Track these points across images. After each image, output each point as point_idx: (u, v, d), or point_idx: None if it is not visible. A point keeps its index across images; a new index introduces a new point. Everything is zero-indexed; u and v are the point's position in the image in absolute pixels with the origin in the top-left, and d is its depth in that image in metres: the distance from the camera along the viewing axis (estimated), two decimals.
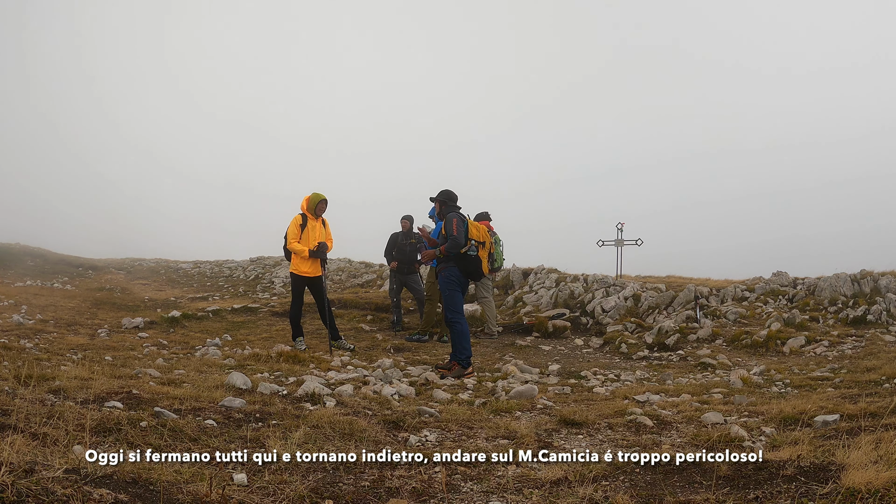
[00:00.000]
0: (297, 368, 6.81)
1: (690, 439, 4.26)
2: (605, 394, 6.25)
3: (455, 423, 4.65)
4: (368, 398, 5.40)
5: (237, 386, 5.29)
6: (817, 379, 6.96)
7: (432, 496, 3.15)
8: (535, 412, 5.25)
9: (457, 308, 7.37)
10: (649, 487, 3.22)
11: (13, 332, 8.39)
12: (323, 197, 8.51)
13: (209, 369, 6.37)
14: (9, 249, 25.91)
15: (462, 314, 7.40)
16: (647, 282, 13.53)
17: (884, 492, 2.74)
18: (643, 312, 11.86)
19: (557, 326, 11.15)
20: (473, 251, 7.35)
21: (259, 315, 12.11)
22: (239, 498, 2.84)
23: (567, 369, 8.18)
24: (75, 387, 4.65)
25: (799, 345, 9.38)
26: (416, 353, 8.97)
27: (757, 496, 2.96)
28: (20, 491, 2.39)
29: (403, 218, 11.19)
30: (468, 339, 7.25)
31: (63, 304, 12.64)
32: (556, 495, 3.13)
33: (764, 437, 4.24)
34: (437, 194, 7.82)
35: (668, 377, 7.52)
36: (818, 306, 11.54)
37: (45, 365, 5.85)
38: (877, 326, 10.30)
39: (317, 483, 3.17)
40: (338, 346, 8.70)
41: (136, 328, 9.97)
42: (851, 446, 3.45)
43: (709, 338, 10.17)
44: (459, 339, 7.20)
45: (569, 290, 12.77)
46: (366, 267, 18.63)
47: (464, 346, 7.18)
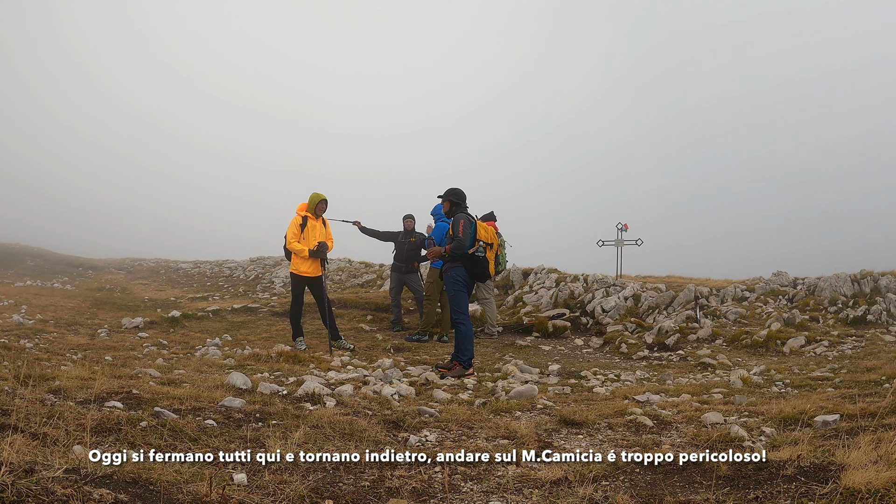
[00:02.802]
0: (297, 368, 6.81)
1: (690, 439, 4.26)
2: (605, 394, 6.25)
3: (455, 423, 4.65)
4: (368, 398, 5.40)
5: (237, 386, 5.29)
6: (817, 379, 6.96)
7: (432, 496, 3.15)
8: (535, 412, 5.25)
9: (462, 309, 7.36)
10: (649, 487, 3.22)
11: (13, 331, 8.39)
12: (323, 197, 8.53)
13: (209, 369, 6.37)
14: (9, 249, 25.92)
15: (467, 315, 7.39)
16: (647, 282, 13.53)
17: (884, 492, 2.74)
18: (643, 312, 11.85)
19: (557, 326, 11.15)
20: (481, 252, 7.34)
21: (259, 315, 12.11)
22: (239, 498, 2.84)
23: (567, 369, 8.18)
24: (75, 387, 4.66)
25: (799, 345, 9.38)
26: (416, 353, 8.97)
27: (757, 496, 2.96)
28: (20, 491, 2.39)
29: (406, 217, 11.18)
30: (472, 341, 7.26)
31: (63, 304, 12.64)
32: (556, 495, 3.13)
33: (764, 437, 4.24)
34: (445, 193, 7.75)
35: (668, 377, 7.52)
36: (818, 306, 11.54)
37: (45, 365, 5.85)
38: (877, 326, 10.30)
39: (317, 483, 3.17)
40: (338, 345, 8.70)
41: (136, 328, 9.97)
42: (851, 446, 3.45)
43: (709, 338, 10.16)
44: (463, 341, 7.20)
45: (569, 290, 12.77)
46: (366, 267, 18.64)
47: (467, 347, 7.18)
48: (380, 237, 11.09)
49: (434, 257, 7.69)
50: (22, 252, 25.80)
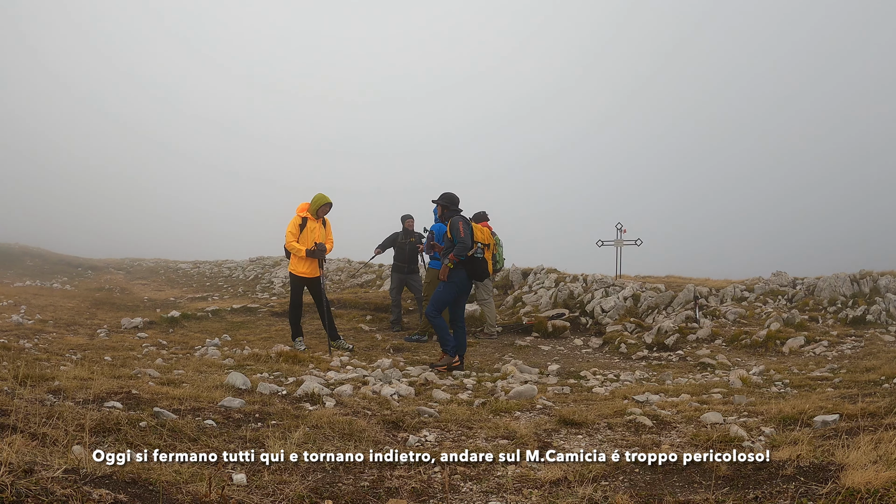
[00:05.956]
0: (296, 368, 6.81)
1: (690, 439, 4.26)
2: (605, 394, 6.25)
3: (454, 423, 4.65)
4: (368, 398, 5.40)
5: (236, 386, 5.29)
6: (817, 379, 6.96)
7: (432, 496, 3.15)
8: (535, 412, 5.25)
9: (440, 307, 7.66)
10: (649, 487, 3.22)
11: (12, 332, 8.39)
12: (328, 200, 8.48)
13: (208, 369, 6.37)
14: (8, 249, 25.93)
15: (440, 311, 7.68)
16: (647, 282, 13.53)
17: (883, 492, 2.74)
18: (642, 312, 11.86)
19: (557, 326, 11.15)
20: (480, 253, 7.62)
21: (258, 315, 12.10)
22: (238, 498, 2.84)
23: (566, 369, 8.18)
24: (75, 387, 4.65)
25: (798, 345, 9.38)
26: (416, 353, 8.96)
27: (756, 496, 2.96)
28: (19, 491, 2.39)
29: (406, 217, 11.20)
30: (447, 331, 7.64)
31: (62, 305, 12.64)
32: (555, 495, 3.13)
33: (763, 437, 4.24)
34: (438, 197, 7.79)
35: (668, 377, 7.52)
36: (818, 306, 11.55)
37: (44, 365, 5.84)
38: (876, 326, 10.31)
39: (316, 483, 3.17)
40: (337, 346, 8.70)
41: (135, 328, 9.96)
42: (851, 446, 3.45)
43: (708, 338, 10.17)
44: (441, 333, 7.59)
45: (568, 291, 12.78)
46: (365, 267, 18.62)
47: (444, 337, 7.58)
48: (385, 246, 11.23)
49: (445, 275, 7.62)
50: (21, 252, 25.80)
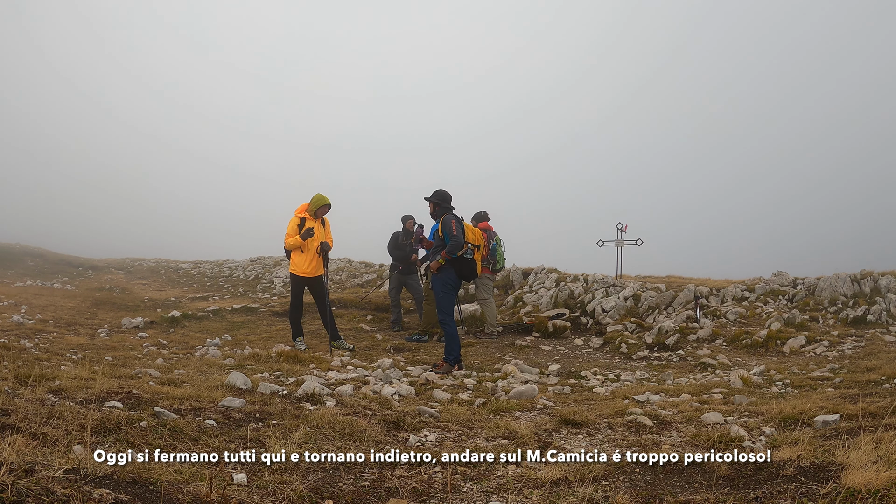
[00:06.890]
0: (297, 368, 6.81)
1: (690, 439, 4.26)
2: (605, 394, 6.25)
3: (455, 423, 4.65)
4: (368, 398, 5.40)
5: (237, 386, 5.29)
6: (817, 379, 6.96)
7: (432, 496, 3.15)
8: (535, 412, 5.25)
9: (448, 311, 7.67)
10: (649, 487, 3.22)
11: (13, 332, 8.39)
12: (327, 201, 8.51)
13: (209, 369, 6.38)
14: (9, 249, 25.94)
15: (452, 316, 7.70)
16: (647, 282, 13.53)
17: (884, 492, 2.74)
18: (643, 312, 11.85)
19: (557, 326, 11.15)
20: (469, 254, 7.66)
21: (259, 315, 12.11)
22: (239, 498, 2.84)
23: (567, 369, 8.18)
24: (75, 387, 4.65)
25: (799, 345, 9.38)
26: (416, 353, 8.97)
27: (757, 496, 2.96)
28: (20, 491, 2.39)
29: (407, 218, 11.20)
30: (457, 340, 7.61)
31: (63, 304, 12.64)
32: (556, 495, 3.13)
33: (764, 437, 4.24)
34: (430, 195, 7.81)
35: (668, 377, 7.52)
36: (818, 306, 11.55)
37: (45, 365, 5.84)
38: (877, 326, 10.30)
39: (317, 483, 3.18)
40: (337, 346, 8.70)
41: (135, 328, 9.97)
42: (851, 446, 3.45)
43: (709, 338, 10.16)
44: (449, 341, 7.56)
45: (569, 290, 12.77)
46: (366, 267, 18.63)
47: (452, 347, 7.54)
48: (391, 246, 11.21)
49: (437, 270, 7.68)
50: (22, 252, 25.81)
